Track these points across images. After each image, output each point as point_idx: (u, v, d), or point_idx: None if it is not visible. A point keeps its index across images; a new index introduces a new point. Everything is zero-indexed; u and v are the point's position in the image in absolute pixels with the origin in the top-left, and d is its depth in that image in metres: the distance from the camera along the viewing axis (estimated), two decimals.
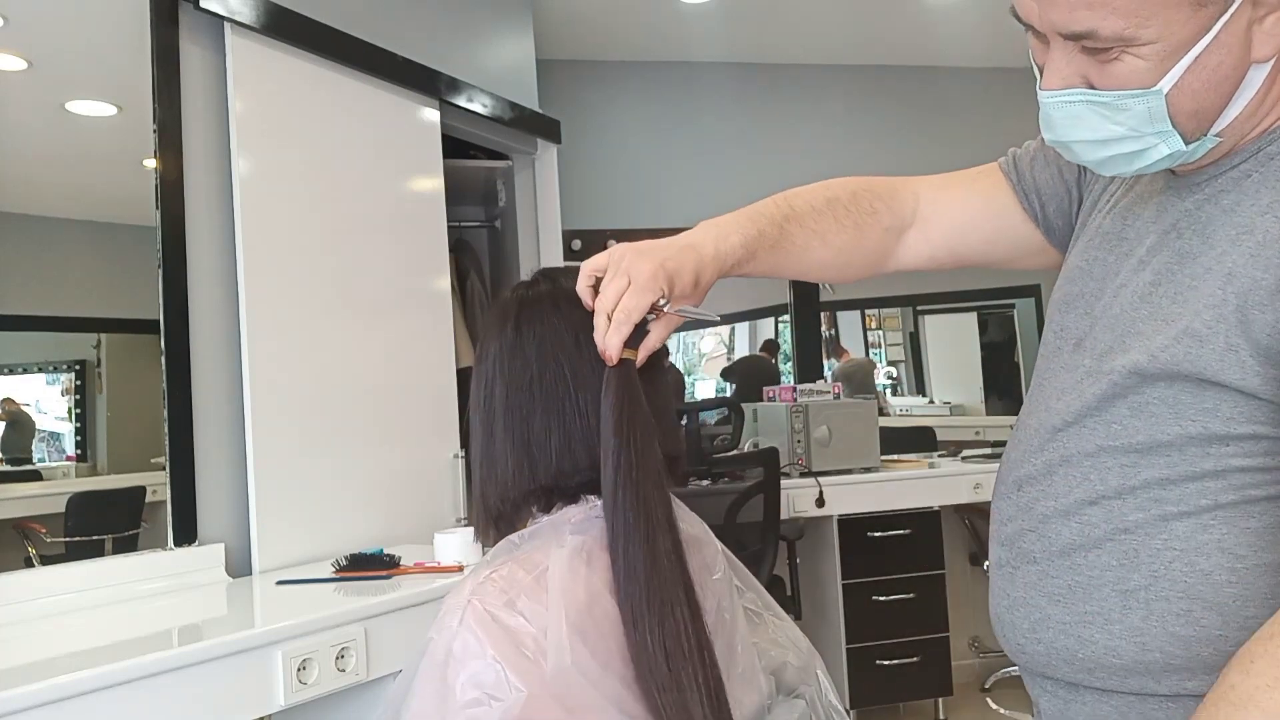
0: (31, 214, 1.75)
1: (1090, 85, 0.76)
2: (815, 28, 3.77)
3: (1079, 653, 0.84)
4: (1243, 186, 0.79)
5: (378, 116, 2.39)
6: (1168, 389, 0.78)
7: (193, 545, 1.88)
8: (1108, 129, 0.77)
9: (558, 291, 0.96)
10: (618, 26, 3.66)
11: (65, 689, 1.16)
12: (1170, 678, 0.80)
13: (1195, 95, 0.74)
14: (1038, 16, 0.75)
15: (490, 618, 0.80)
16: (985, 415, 4.51)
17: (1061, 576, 0.85)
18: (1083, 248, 0.96)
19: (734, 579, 1.02)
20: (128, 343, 1.93)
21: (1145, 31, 0.70)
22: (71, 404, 1.89)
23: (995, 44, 4.12)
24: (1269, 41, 0.73)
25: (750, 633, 1.00)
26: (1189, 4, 0.70)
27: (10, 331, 1.76)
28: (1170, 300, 0.79)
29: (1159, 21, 0.70)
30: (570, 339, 0.92)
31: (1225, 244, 0.77)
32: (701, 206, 1.81)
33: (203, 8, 1.95)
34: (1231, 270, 0.75)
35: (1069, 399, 0.87)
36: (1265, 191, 0.76)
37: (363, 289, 2.28)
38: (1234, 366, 0.74)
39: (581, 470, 0.91)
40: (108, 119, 1.90)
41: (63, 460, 1.89)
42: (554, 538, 0.89)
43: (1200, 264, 0.78)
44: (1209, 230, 0.79)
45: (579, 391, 0.91)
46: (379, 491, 2.24)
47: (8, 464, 1.84)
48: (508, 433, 0.92)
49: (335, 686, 1.49)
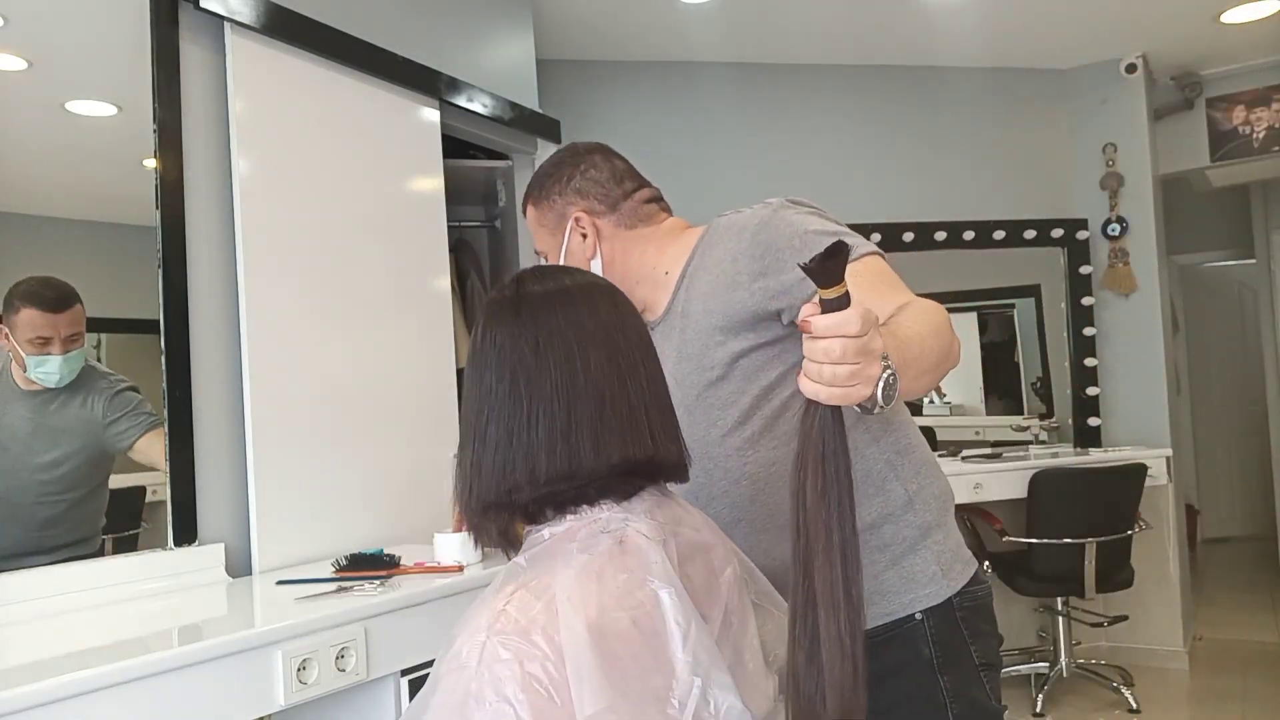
0: (31, 214, 1.75)
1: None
2: (815, 28, 3.77)
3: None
4: (688, 291, 1.34)
5: (378, 116, 2.39)
6: (729, 383, 1.30)
7: (193, 545, 1.88)
8: None
9: (522, 296, 0.94)
10: (618, 26, 3.66)
11: (65, 689, 1.16)
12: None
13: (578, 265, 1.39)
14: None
15: (513, 659, 0.78)
16: (985, 415, 4.51)
17: (753, 515, 1.27)
18: None
19: (743, 574, 1.01)
20: (128, 343, 1.93)
21: (545, 246, 1.46)
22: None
23: (995, 44, 4.12)
24: (589, 245, 1.42)
25: (759, 629, 0.99)
26: (548, 234, 1.45)
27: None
28: (691, 348, 1.31)
29: (545, 242, 1.46)
30: (529, 347, 0.90)
31: (695, 311, 1.32)
32: (701, 206, 1.81)
33: (203, 8, 1.95)
34: (707, 309, 1.30)
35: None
36: (697, 282, 1.33)
37: (363, 289, 2.28)
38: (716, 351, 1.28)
39: (521, 487, 0.89)
40: (108, 119, 1.90)
41: None
42: (561, 558, 0.87)
43: (691, 327, 1.32)
44: (687, 313, 1.34)
45: (531, 403, 0.89)
46: (379, 491, 2.24)
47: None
48: (499, 437, 0.90)
49: (335, 686, 1.49)
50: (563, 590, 0.82)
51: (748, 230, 1.27)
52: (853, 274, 1.00)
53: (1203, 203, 5.86)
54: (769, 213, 1.27)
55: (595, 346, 0.92)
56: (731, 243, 1.29)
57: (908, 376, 0.97)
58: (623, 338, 0.94)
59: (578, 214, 1.41)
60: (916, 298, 1.16)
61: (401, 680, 1.61)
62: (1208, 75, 4.48)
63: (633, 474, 0.93)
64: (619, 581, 0.84)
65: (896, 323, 1.06)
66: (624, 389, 0.92)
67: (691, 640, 0.83)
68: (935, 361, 1.06)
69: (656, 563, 0.86)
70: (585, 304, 0.94)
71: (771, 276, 1.22)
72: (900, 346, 0.96)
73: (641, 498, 0.93)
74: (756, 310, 1.24)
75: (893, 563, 1.26)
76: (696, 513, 1.01)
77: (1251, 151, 4.42)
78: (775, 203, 1.29)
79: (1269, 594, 5.44)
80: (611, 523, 0.90)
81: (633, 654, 0.80)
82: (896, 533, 1.27)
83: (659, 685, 0.80)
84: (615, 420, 0.90)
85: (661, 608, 0.84)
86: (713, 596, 0.91)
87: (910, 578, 1.26)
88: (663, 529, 0.91)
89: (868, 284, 1.14)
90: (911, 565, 1.27)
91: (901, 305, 1.12)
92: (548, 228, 1.44)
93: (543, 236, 1.45)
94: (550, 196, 1.44)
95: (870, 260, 1.21)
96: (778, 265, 1.22)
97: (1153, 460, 3.87)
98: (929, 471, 1.33)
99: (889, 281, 1.20)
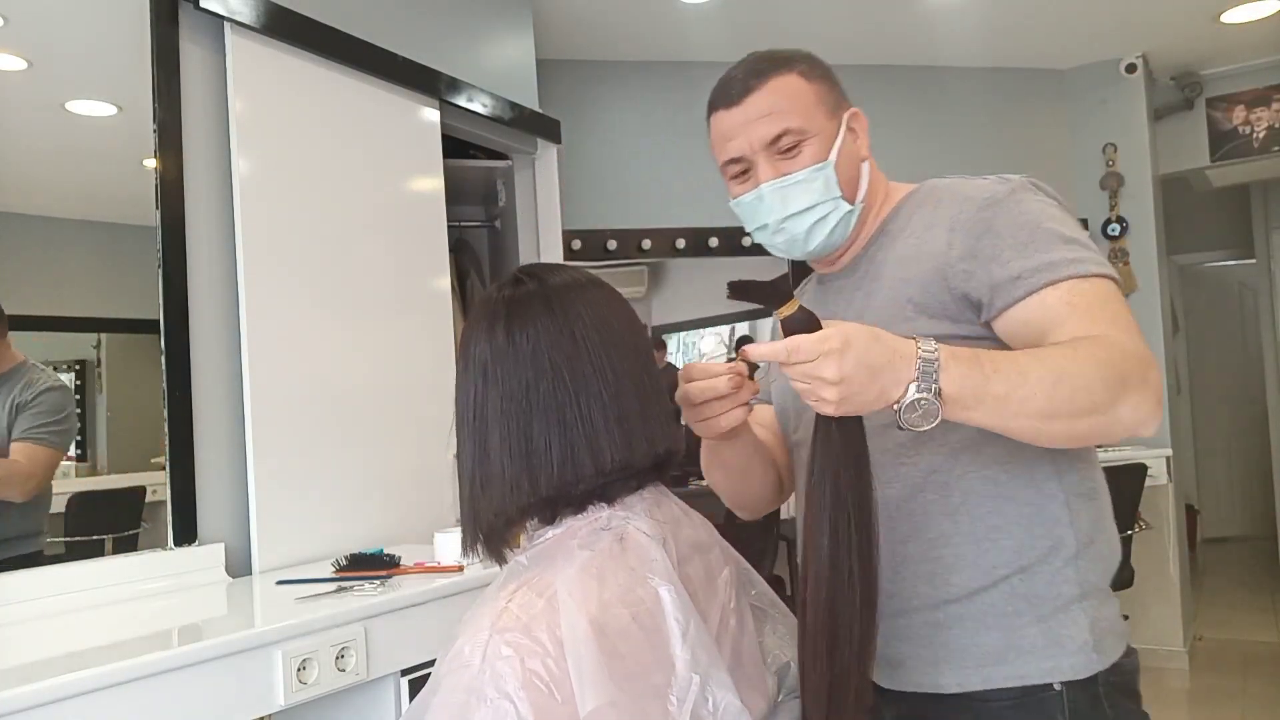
0: (31, 214, 1.75)
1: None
2: (815, 28, 3.77)
3: (937, 570, 1.10)
4: (884, 248, 1.20)
5: (378, 116, 2.39)
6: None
7: (193, 545, 1.88)
8: (807, 199, 1.16)
9: (548, 290, 0.92)
10: (618, 26, 3.66)
11: (65, 689, 1.16)
12: (1004, 559, 1.09)
13: (843, 170, 1.17)
14: (748, 143, 1.18)
15: (515, 655, 0.77)
16: None
17: (903, 522, 1.12)
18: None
19: (741, 577, 1.01)
20: (128, 343, 1.93)
21: (811, 126, 1.16)
22: (71, 404, 1.89)
23: (995, 44, 4.12)
24: (862, 149, 1.21)
25: (757, 631, 0.99)
26: (825, 114, 1.17)
27: (11, 331, 1.76)
28: (874, 316, 1.11)
29: (815, 122, 1.16)
30: (568, 339, 0.89)
31: (890, 271, 1.17)
32: (701, 206, 1.81)
33: (203, 8, 1.95)
34: (904, 277, 1.14)
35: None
36: (897, 241, 1.18)
37: (363, 289, 2.28)
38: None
39: (586, 478, 0.87)
40: (108, 119, 1.90)
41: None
42: (562, 555, 0.86)
43: (882, 291, 1.17)
44: (877, 274, 1.19)
45: (580, 395, 0.87)
46: (379, 491, 2.24)
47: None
48: (504, 444, 0.88)
49: (335, 686, 1.49)
50: (564, 587, 0.82)
51: (974, 201, 1.12)
52: (1075, 292, 1.02)
53: (1203, 202, 5.86)
54: (1005, 190, 1.12)
55: (619, 336, 0.92)
56: (951, 209, 1.13)
57: (988, 412, 0.92)
58: (634, 328, 0.95)
59: (854, 110, 1.21)
60: (1116, 337, 0.98)
61: (401, 680, 1.61)
62: (1208, 75, 4.48)
63: (640, 469, 0.93)
64: (620, 579, 0.84)
65: (1026, 354, 0.96)
66: (652, 378, 0.94)
67: (691, 637, 0.83)
68: (1046, 409, 0.93)
69: (657, 561, 0.86)
70: (599, 293, 0.95)
71: (981, 263, 1.08)
72: (985, 378, 0.91)
73: (641, 496, 0.93)
74: (954, 292, 1.09)
75: (1040, 619, 1.08)
76: (695, 514, 1.01)
77: (1251, 151, 4.42)
78: (1015, 181, 1.13)
79: (1269, 594, 5.44)
80: (613, 520, 0.90)
81: (633, 650, 0.80)
82: (1052, 586, 1.09)
83: (659, 682, 0.80)
84: (657, 409, 0.92)
85: (662, 605, 0.84)
86: (711, 596, 0.91)
87: (1056, 641, 1.08)
88: (662, 528, 0.91)
89: (1081, 308, 1.01)
90: (1060, 626, 1.08)
91: (1077, 338, 0.98)
92: (827, 106, 1.18)
93: (816, 116, 1.16)
94: (832, 77, 1.21)
95: (1096, 284, 1.04)
96: (991, 253, 1.07)
97: (1153, 460, 3.87)
98: (1105, 526, 1.17)
99: (1099, 309, 1.02)
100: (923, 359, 0.90)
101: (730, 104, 1.21)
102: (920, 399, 0.89)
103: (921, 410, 0.89)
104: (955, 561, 1.10)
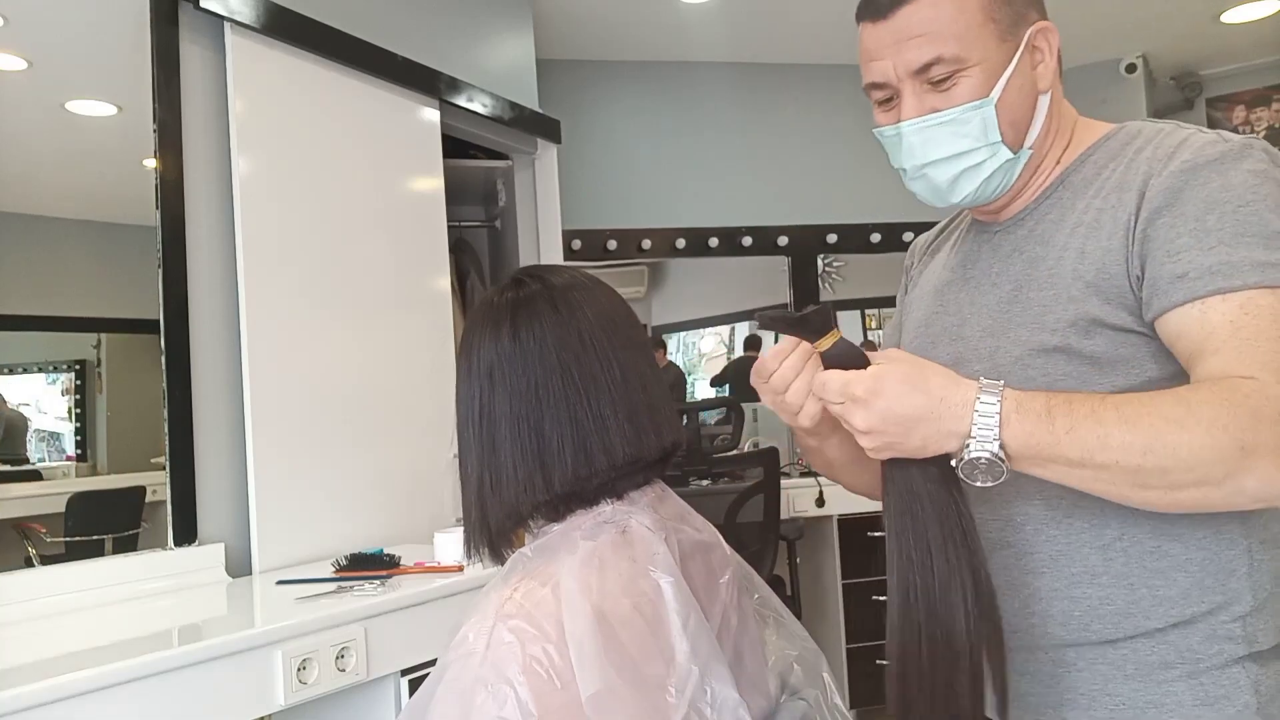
0: (31, 214, 1.75)
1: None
2: (815, 28, 3.77)
3: (1074, 612, 0.94)
4: (1060, 205, 0.99)
5: (378, 116, 2.39)
6: (1067, 363, 0.93)
7: (193, 545, 1.88)
8: (955, 144, 0.96)
9: (552, 290, 0.92)
10: (618, 26, 3.65)
11: (65, 689, 1.16)
12: (1159, 610, 0.92)
13: (1011, 108, 0.96)
14: (892, 67, 0.96)
15: (516, 641, 0.78)
16: None
17: (1040, 550, 0.96)
18: (926, 304, 1.12)
19: (742, 580, 1.01)
20: (128, 343, 1.93)
21: (972, 54, 0.93)
22: (71, 404, 1.89)
23: None
24: (1045, 76, 0.99)
25: (759, 634, 0.99)
26: (996, 37, 0.94)
27: (10, 331, 1.76)
28: (1038, 292, 0.96)
29: (980, 48, 0.94)
30: (574, 337, 0.89)
31: (1064, 239, 0.96)
32: (701, 206, 1.81)
33: (203, 8, 1.95)
34: (1081, 249, 0.94)
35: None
36: (1079, 199, 0.97)
37: (363, 289, 2.28)
38: (1112, 315, 0.91)
39: (599, 473, 0.88)
40: (108, 119, 1.90)
41: (62, 460, 1.89)
42: (565, 546, 0.87)
43: (1049, 261, 0.97)
44: (1047, 238, 0.98)
45: (589, 392, 0.88)
46: (379, 491, 2.24)
47: (3, 464, 1.84)
48: (515, 444, 0.88)
49: (335, 686, 1.49)
50: (568, 576, 0.83)
51: (1175, 160, 0.90)
52: (1249, 309, 0.81)
53: None
54: (1215, 152, 0.89)
55: (623, 333, 0.93)
56: (1146, 166, 0.91)
57: (1063, 475, 0.80)
58: (635, 325, 0.96)
59: (1043, 24, 0.98)
60: (1264, 382, 0.78)
61: (401, 680, 1.61)
62: (1208, 75, 4.48)
63: (649, 462, 0.93)
64: (622, 569, 0.85)
65: (1116, 409, 0.79)
66: (655, 372, 0.95)
67: (691, 629, 0.83)
68: (1133, 480, 0.78)
69: (659, 554, 0.87)
70: (600, 291, 0.95)
71: (1152, 246, 0.87)
72: (1055, 440, 0.78)
73: (645, 492, 0.94)
74: (1136, 277, 0.89)
75: (1192, 674, 0.91)
76: (697, 515, 1.01)
77: None
78: (1236, 141, 0.90)
79: None
80: (616, 515, 0.91)
81: (634, 639, 0.81)
82: (1212, 643, 0.91)
83: (659, 671, 0.81)
84: (661, 402, 0.93)
85: (663, 596, 0.84)
86: (712, 595, 0.92)
87: (1208, 700, 0.90)
88: (665, 524, 0.91)
89: (1247, 332, 0.81)
90: (1216, 685, 0.91)
91: (1208, 381, 0.81)
92: (1001, 25, 0.95)
93: (982, 41, 0.94)
94: None
95: (1259, 297, 0.82)
96: (1166, 236, 0.87)
97: None
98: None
99: (1267, 337, 0.81)
100: (980, 411, 0.78)
101: (877, 16, 0.96)
102: (979, 458, 0.79)
103: (983, 469, 0.79)
104: (1099, 606, 0.93)
